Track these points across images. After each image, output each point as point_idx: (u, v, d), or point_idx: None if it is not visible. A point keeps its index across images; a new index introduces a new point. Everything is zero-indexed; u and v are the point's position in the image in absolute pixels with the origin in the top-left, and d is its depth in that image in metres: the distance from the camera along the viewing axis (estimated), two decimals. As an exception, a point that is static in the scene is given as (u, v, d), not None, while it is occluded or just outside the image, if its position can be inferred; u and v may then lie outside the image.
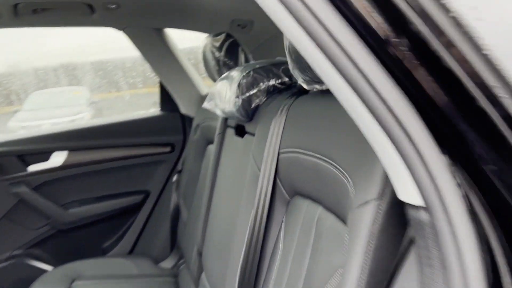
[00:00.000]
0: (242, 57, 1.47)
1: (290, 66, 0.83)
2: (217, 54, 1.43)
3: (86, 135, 1.90)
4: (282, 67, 1.09)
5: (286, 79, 1.08)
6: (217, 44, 1.44)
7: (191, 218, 1.67)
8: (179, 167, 1.92)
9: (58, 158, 1.83)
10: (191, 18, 1.69)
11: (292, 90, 1.04)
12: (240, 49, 1.47)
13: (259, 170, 0.94)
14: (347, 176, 0.65)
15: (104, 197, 1.93)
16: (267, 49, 1.81)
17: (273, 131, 0.92)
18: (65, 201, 1.88)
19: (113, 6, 1.55)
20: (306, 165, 0.79)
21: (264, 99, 1.08)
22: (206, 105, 1.30)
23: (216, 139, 1.37)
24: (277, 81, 1.07)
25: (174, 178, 1.89)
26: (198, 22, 1.73)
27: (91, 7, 1.51)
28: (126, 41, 1.81)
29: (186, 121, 1.96)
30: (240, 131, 1.24)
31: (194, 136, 1.79)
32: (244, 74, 1.06)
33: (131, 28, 1.74)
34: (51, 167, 1.83)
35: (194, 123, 1.81)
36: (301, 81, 0.84)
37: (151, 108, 2.15)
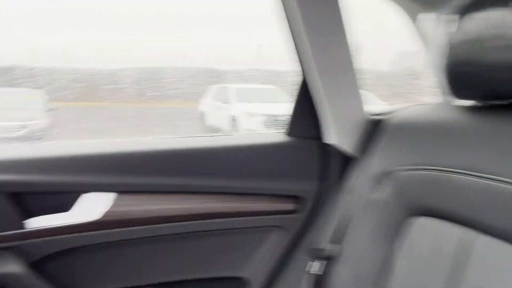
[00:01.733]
0: None
1: None
2: None
3: (148, 163, 0.99)
4: None
5: None
6: None
7: None
8: (312, 244, 1.03)
9: (91, 206, 0.92)
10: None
11: None
12: None
13: None
14: None
15: (166, 285, 1.01)
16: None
17: None
18: None
19: None
20: None
21: None
22: None
23: None
24: None
25: (311, 267, 0.99)
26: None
27: None
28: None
29: (332, 159, 1.08)
30: None
31: (374, 194, 0.93)
32: None
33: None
34: (76, 223, 0.91)
35: (372, 169, 0.95)
36: None
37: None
